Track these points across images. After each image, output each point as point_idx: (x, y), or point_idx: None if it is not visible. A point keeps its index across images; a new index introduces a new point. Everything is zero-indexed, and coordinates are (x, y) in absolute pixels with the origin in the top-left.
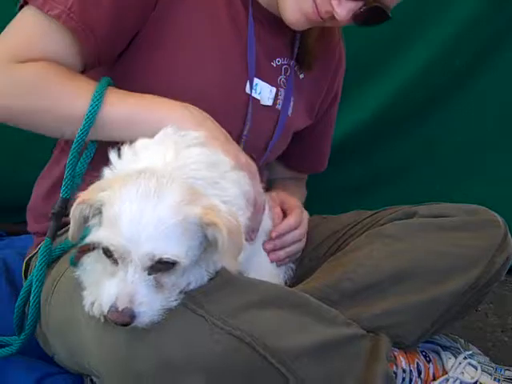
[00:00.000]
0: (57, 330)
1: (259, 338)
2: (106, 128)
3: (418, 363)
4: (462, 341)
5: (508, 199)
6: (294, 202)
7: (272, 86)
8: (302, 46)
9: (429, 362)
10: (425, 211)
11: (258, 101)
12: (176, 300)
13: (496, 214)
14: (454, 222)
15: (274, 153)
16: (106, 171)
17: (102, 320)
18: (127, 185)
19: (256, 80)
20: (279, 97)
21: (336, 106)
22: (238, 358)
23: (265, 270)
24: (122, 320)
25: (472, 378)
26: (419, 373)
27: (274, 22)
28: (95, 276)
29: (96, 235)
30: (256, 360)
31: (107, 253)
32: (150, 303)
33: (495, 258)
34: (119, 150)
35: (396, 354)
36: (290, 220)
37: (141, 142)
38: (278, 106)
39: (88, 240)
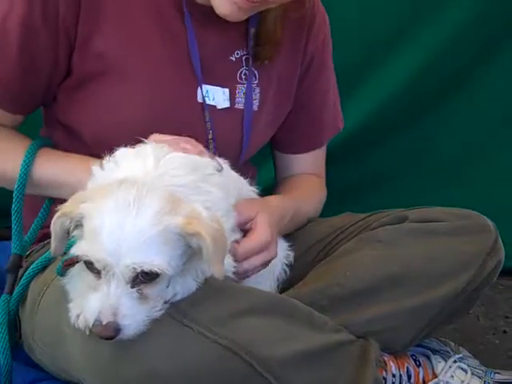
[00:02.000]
0: (43, 339)
1: (246, 346)
2: (39, 187)
3: (407, 367)
4: (452, 344)
5: (498, 203)
6: (258, 213)
7: (224, 86)
8: (262, 30)
9: (419, 365)
10: (416, 216)
11: (214, 106)
12: (161, 310)
13: (487, 219)
14: (444, 227)
15: (254, 148)
16: (88, 182)
17: (88, 333)
18: (107, 196)
19: (206, 87)
20: (237, 95)
21: (324, 74)
22: (225, 367)
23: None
24: (107, 334)
25: (462, 381)
26: (409, 377)
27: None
28: (81, 286)
29: (78, 249)
30: (243, 369)
31: (89, 266)
32: (134, 315)
33: (486, 263)
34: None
35: (386, 358)
36: (248, 245)
37: (121, 152)
38: (239, 105)
39: (70, 254)
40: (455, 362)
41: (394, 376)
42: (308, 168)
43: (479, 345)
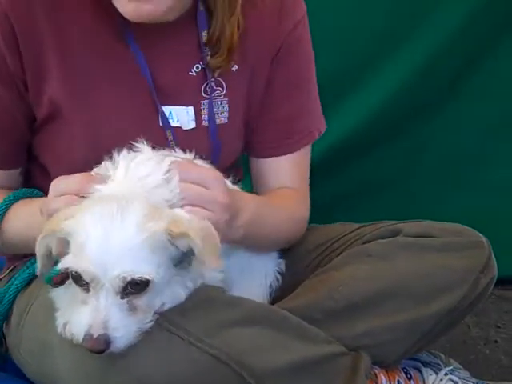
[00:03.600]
0: (30, 351)
1: (236, 356)
2: (13, 240)
3: (398, 381)
4: (443, 356)
5: (489, 213)
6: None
7: (188, 105)
8: (213, 34)
9: (410, 379)
10: (410, 230)
11: (180, 128)
12: (151, 321)
13: (480, 235)
14: (438, 243)
15: (230, 159)
16: None
17: (75, 342)
18: (89, 211)
19: (168, 108)
20: (203, 112)
21: (300, 63)
22: (215, 377)
23: (248, 286)
24: (97, 347)
25: None
26: None
27: (165, 28)
28: (68, 296)
29: (65, 262)
30: (233, 379)
31: (77, 280)
32: (124, 328)
33: (479, 280)
34: None
35: (376, 371)
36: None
37: (97, 168)
38: (205, 122)
39: (58, 268)
40: (446, 374)
41: None
42: (287, 180)
43: (470, 355)
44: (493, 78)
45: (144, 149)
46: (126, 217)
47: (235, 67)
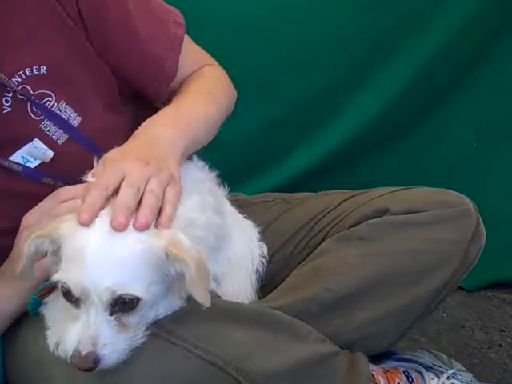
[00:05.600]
0: (23, 376)
1: (231, 360)
2: None
3: (398, 383)
4: (445, 357)
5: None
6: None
7: (27, 141)
8: None
9: (411, 382)
10: (396, 207)
11: (43, 163)
12: (142, 338)
13: (467, 200)
14: (425, 217)
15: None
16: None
17: (68, 361)
18: None
19: (16, 156)
20: (50, 132)
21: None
22: (211, 383)
23: (236, 275)
24: (86, 365)
25: None
26: None
27: None
28: (57, 313)
29: (58, 275)
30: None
31: (67, 296)
32: (113, 344)
33: (469, 250)
34: None
35: (374, 373)
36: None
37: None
38: (62, 138)
39: (46, 283)
40: (448, 378)
41: None
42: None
43: (474, 359)
44: (492, 80)
45: None
46: (126, 229)
47: (42, 70)
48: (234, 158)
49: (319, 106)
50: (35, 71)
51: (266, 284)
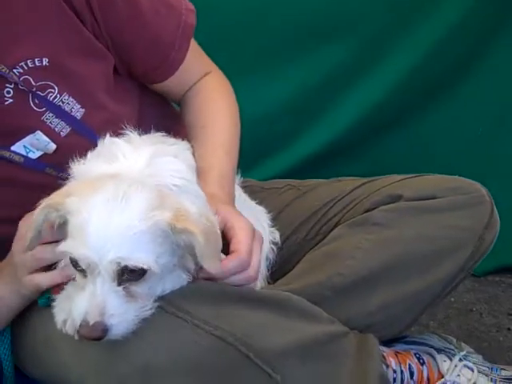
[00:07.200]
0: (30, 355)
1: (242, 337)
2: None
3: (410, 364)
4: (455, 340)
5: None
6: (242, 222)
7: (30, 132)
8: None
9: (422, 364)
10: (410, 194)
11: (45, 154)
12: (151, 309)
13: (481, 187)
14: (440, 203)
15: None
16: (75, 167)
17: (76, 338)
18: (95, 190)
19: (19, 145)
20: (52, 124)
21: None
22: (221, 359)
23: None
24: (94, 335)
25: (469, 379)
26: (411, 374)
27: None
28: (65, 292)
29: (63, 246)
30: (240, 360)
31: (75, 265)
32: (122, 314)
33: (484, 236)
34: None
35: (385, 354)
36: (229, 264)
37: (116, 144)
38: (65, 131)
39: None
40: (461, 360)
41: (394, 371)
42: (198, 71)
43: (483, 342)
44: (492, 75)
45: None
46: (130, 203)
47: (44, 62)
48: (240, 145)
49: (325, 92)
50: (37, 63)
51: (277, 270)
